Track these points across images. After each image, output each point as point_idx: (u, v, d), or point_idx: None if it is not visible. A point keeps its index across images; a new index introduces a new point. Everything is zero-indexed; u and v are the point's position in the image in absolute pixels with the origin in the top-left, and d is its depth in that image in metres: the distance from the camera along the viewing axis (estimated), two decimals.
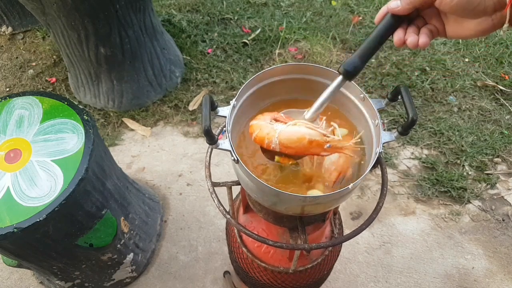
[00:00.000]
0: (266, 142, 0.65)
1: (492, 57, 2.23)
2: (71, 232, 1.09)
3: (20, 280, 1.52)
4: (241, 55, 2.22)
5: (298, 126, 0.64)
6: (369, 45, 0.58)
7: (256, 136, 0.66)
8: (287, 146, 0.63)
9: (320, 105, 0.66)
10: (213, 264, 1.54)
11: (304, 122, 0.65)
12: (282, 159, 0.66)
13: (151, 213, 1.57)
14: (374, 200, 1.72)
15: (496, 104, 2.05)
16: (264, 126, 0.66)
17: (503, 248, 1.60)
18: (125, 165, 1.83)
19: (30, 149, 1.06)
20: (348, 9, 2.50)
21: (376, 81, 2.10)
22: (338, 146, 0.64)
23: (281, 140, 0.63)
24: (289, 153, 0.65)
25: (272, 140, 0.64)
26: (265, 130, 0.65)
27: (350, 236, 0.75)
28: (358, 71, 0.61)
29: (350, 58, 0.60)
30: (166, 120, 1.99)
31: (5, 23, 2.38)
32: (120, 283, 1.46)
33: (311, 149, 0.63)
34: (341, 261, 1.54)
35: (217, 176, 1.76)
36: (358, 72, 0.61)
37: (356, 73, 0.61)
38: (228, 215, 0.78)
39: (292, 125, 0.65)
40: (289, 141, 0.63)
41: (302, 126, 0.64)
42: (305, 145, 0.63)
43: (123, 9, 1.66)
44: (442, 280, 1.51)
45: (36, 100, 1.16)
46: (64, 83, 2.13)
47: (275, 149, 0.65)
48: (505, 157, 1.85)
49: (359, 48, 0.60)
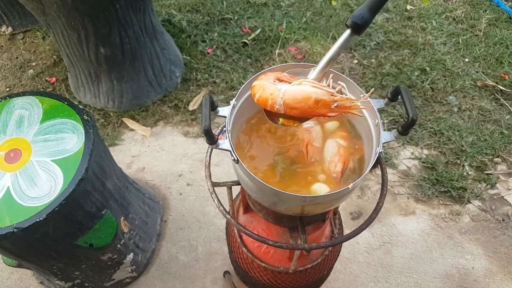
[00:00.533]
0: (269, 103, 0.61)
1: (492, 57, 2.23)
2: (71, 232, 1.09)
3: (20, 280, 1.52)
4: (241, 55, 2.22)
5: (304, 85, 0.60)
6: None
7: (259, 97, 0.63)
8: (292, 106, 0.60)
9: (327, 62, 0.62)
10: (213, 264, 1.54)
11: (310, 81, 0.62)
12: (286, 121, 0.63)
13: (151, 213, 1.57)
14: (374, 200, 1.72)
15: (496, 104, 2.05)
16: (268, 86, 0.62)
17: (503, 248, 1.60)
18: (125, 165, 1.83)
19: (30, 149, 1.06)
20: (348, 9, 2.50)
21: (376, 81, 2.10)
22: (346, 105, 0.60)
23: (286, 101, 0.60)
24: (294, 114, 0.61)
25: (276, 100, 0.60)
26: (268, 90, 0.61)
27: (350, 236, 0.75)
28: (368, 23, 0.57)
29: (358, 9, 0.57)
30: (166, 120, 1.99)
31: (5, 23, 2.38)
32: (120, 283, 1.46)
33: (318, 109, 0.60)
34: (341, 261, 1.54)
35: (217, 176, 1.76)
36: (367, 25, 0.57)
37: (366, 26, 0.57)
38: (228, 215, 0.78)
39: (297, 84, 0.61)
40: (294, 101, 0.59)
41: (308, 85, 0.60)
42: (311, 105, 0.59)
43: (123, 9, 1.66)
44: (442, 280, 1.51)
45: (36, 100, 1.16)
46: (64, 83, 2.13)
47: (280, 110, 0.61)
48: (505, 157, 1.85)
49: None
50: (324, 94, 0.59)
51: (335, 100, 0.59)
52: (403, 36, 2.33)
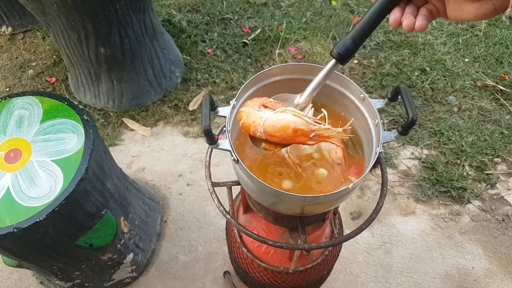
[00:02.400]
0: (252, 130, 0.65)
1: (492, 57, 2.23)
2: (71, 232, 1.09)
3: (20, 280, 1.52)
4: (241, 55, 2.22)
5: (285, 113, 0.63)
6: (363, 25, 0.55)
7: (243, 123, 0.66)
8: (272, 135, 0.63)
9: (312, 90, 0.64)
10: (213, 264, 1.54)
11: (292, 110, 0.64)
12: (268, 146, 0.65)
13: (151, 213, 1.57)
14: (374, 200, 1.72)
15: (496, 104, 2.05)
16: (251, 113, 0.65)
17: (503, 248, 1.60)
18: (125, 165, 1.83)
19: (30, 149, 1.06)
20: (348, 9, 2.50)
21: (376, 81, 2.10)
22: (324, 135, 0.62)
23: (266, 129, 0.63)
24: (275, 141, 0.64)
25: (257, 128, 0.63)
26: (251, 117, 0.65)
27: (350, 236, 0.75)
28: (351, 54, 0.58)
29: (343, 40, 0.58)
30: (166, 120, 1.99)
31: (5, 23, 2.38)
32: (120, 283, 1.46)
33: (296, 138, 0.62)
34: (341, 261, 1.54)
35: (217, 176, 1.76)
36: (351, 55, 0.59)
37: (349, 56, 0.59)
38: (228, 215, 0.78)
39: (280, 112, 0.64)
40: (274, 130, 0.62)
41: (289, 114, 0.63)
42: (290, 134, 0.62)
43: (123, 9, 1.66)
44: (442, 280, 1.51)
45: (36, 100, 1.16)
46: (64, 83, 2.13)
47: (261, 137, 0.64)
48: (505, 157, 1.85)
49: (353, 29, 0.56)
50: (302, 124, 0.62)
51: (313, 130, 0.62)
52: (403, 36, 2.33)
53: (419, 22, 0.52)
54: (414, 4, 0.54)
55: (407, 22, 0.52)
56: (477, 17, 0.48)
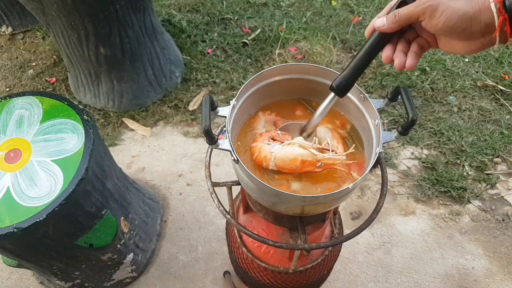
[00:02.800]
0: (264, 164, 0.71)
1: (492, 57, 2.23)
2: (71, 232, 1.09)
3: (20, 280, 1.52)
4: (241, 55, 2.22)
5: (292, 146, 0.70)
6: (358, 62, 0.61)
7: (256, 158, 0.72)
8: (283, 167, 0.70)
9: (315, 123, 0.71)
10: (213, 264, 1.54)
11: (298, 142, 0.71)
12: (281, 177, 0.72)
13: (151, 213, 1.57)
14: (374, 200, 1.72)
15: (496, 104, 2.05)
16: (262, 148, 0.72)
17: (503, 248, 1.60)
18: (125, 165, 1.83)
19: (30, 149, 1.06)
20: (348, 9, 2.50)
21: (376, 81, 2.10)
22: (329, 163, 0.69)
23: (277, 163, 0.70)
24: (286, 171, 0.71)
25: (269, 163, 0.70)
26: (263, 153, 0.71)
27: (350, 236, 0.75)
28: (349, 88, 0.64)
29: (341, 75, 0.63)
30: (166, 120, 1.99)
31: (5, 23, 2.38)
32: (120, 283, 1.46)
33: (305, 168, 0.69)
34: (341, 261, 1.54)
35: (217, 176, 1.76)
36: (348, 89, 0.64)
37: (347, 90, 0.64)
38: (228, 215, 0.78)
39: (287, 145, 0.71)
40: (284, 163, 0.69)
41: (295, 146, 0.70)
42: (298, 165, 0.69)
43: (123, 9, 1.66)
44: (442, 280, 1.51)
45: (36, 100, 1.16)
46: (64, 83, 2.13)
47: (274, 169, 0.71)
48: (505, 157, 1.85)
49: (349, 66, 0.62)
50: (309, 155, 0.69)
51: (319, 159, 0.69)
52: None
53: (409, 62, 0.55)
54: (405, 40, 0.56)
55: (397, 62, 0.56)
56: (467, 52, 0.52)
